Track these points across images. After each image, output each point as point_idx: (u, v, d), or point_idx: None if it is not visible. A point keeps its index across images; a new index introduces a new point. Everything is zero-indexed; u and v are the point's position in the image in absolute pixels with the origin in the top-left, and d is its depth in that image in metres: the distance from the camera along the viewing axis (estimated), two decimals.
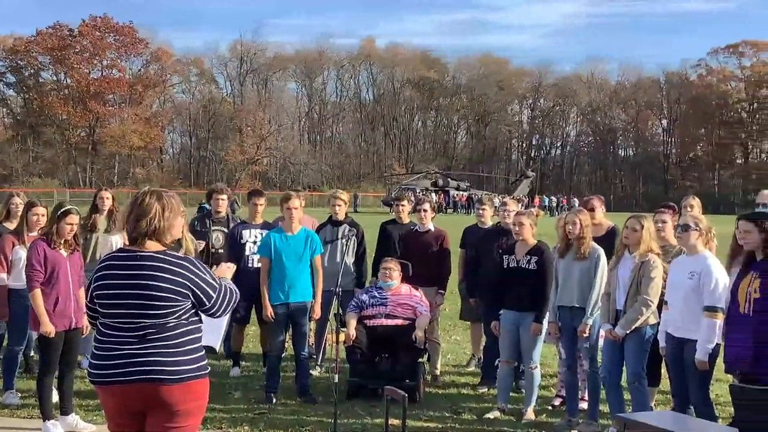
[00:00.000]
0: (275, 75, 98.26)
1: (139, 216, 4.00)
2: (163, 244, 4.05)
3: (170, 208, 4.07)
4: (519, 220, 7.54)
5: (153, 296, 3.91)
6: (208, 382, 4.09)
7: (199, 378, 4.00)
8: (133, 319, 3.93)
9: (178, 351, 3.94)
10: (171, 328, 3.95)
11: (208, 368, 4.10)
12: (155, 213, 4.01)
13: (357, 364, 8.05)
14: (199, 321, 4.09)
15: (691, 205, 8.03)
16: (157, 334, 3.93)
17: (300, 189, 25.41)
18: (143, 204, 4.02)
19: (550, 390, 8.35)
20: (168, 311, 3.93)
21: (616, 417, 5.90)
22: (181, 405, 3.93)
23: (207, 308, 4.06)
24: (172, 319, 3.95)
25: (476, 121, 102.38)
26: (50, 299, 6.66)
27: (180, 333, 3.97)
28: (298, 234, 7.92)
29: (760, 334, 5.39)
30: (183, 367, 3.94)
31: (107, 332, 4.00)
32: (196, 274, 4.00)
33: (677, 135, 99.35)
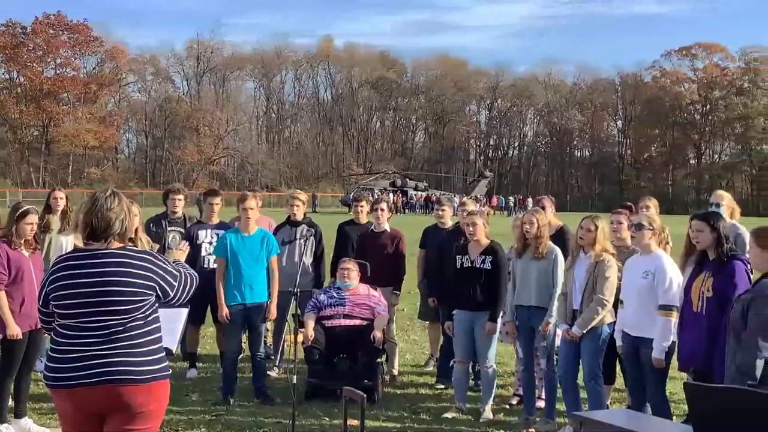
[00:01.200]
0: (232, 74, 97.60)
1: (109, 217, 3.95)
2: (123, 243, 4.02)
3: (128, 207, 4.07)
4: (472, 221, 7.57)
5: (119, 292, 3.86)
6: (169, 383, 4.04)
7: (163, 379, 3.96)
8: (97, 318, 3.86)
9: (142, 351, 3.90)
10: (135, 327, 3.90)
11: (170, 369, 4.05)
12: (123, 213, 4.00)
13: (315, 365, 8.02)
14: (158, 320, 4.05)
15: (647, 206, 8.12)
16: (123, 333, 3.88)
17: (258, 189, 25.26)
18: (111, 205, 3.98)
19: (507, 389, 8.40)
20: (134, 307, 3.89)
21: (573, 415, 5.95)
22: (143, 407, 3.88)
23: (170, 298, 4.04)
24: (139, 315, 3.90)
25: (434, 121, 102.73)
26: (16, 300, 6.57)
27: (144, 333, 3.93)
28: (255, 234, 7.88)
29: (713, 332, 5.48)
30: (148, 368, 3.89)
31: (68, 333, 3.91)
32: (159, 266, 3.98)
33: (632, 136, 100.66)
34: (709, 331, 5.53)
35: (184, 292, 4.12)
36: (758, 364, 4.63)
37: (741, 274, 5.56)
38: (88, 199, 4.06)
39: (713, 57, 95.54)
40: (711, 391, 4.15)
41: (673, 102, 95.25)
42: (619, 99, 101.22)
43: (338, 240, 9.24)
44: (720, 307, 5.45)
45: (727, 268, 5.59)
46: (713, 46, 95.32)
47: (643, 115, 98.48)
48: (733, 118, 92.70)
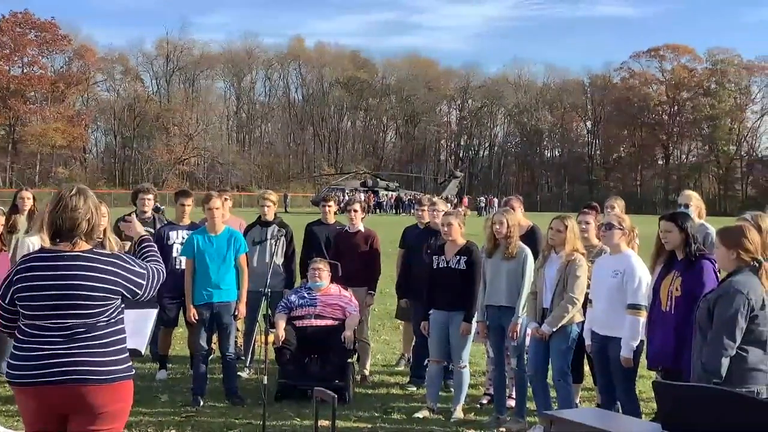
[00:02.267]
0: (202, 74, 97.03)
1: (75, 216, 3.90)
2: (91, 243, 3.97)
3: (96, 206, 4.00)
4: (447, 221, 7.58)
5: (84, 296, 3.82)
6: (132, 384, 4.01)
7: (126, 379, 3.93)
8: (61, 319, 3.83)
9: (105, 351, 3.87)
10: (100, 327, 3.87)
11: (134, 369, 4.02)
12: (90, 212, 3.93)
13: (286, 366, 8.00)
14: (123, 321, 4.01)
15: (612, 206, 8.20)
16: (86, 333, 3.84)
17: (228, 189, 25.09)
18: (76, 204, 3.92)
19: (478, 389, 8.43)
20: (98, 311, 3.85)
21: (543, 414, 5.98)
22: (106, 407, 3.85)
23: (138, 297, 4.02)
24: (103, 317, 3.87)
25: (405, 121, 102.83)
26: None
27: (108, 333, 3.90)
28: (221, 234, 7.85)
29: (681, 331, 5.54)
30: (110, 368, 3.86)
31: (32, 332, 3.87)
32: (127, 269, 3.93)
33: (601, 136, 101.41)
34: (678, 330, 5.59)
35: (153, 288, 4.09)
36: (724, 363, 4.69)
37: (709, 274, 5.62)
38: (53, 198, 3.99)
39: (681, 58, 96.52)
40: (679, 390, 4.19)
41: (642, 103, 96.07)
42: (589, 100, 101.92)
43: (306, 240, 9.24)
44: (688, 306, 5.50)
45: (695, 268, 5.66)
46: (681, 48, 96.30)
47: (612, 115, 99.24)
48: (701, 119, 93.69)
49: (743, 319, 4.70)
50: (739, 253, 4.87)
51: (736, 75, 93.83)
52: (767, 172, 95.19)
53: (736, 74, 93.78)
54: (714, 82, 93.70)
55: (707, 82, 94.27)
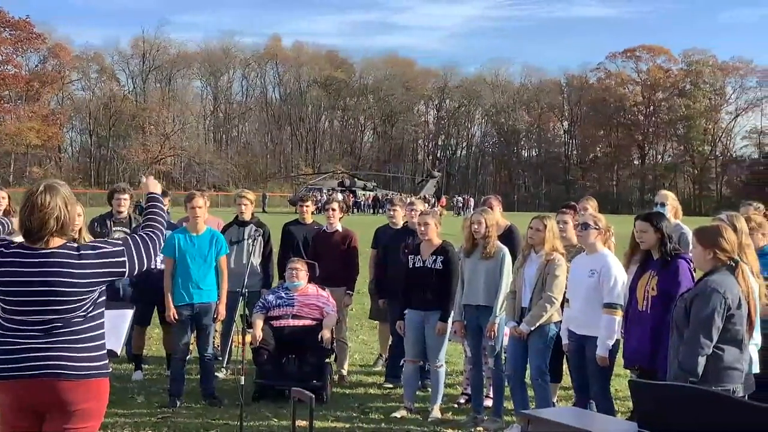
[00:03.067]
0: (179, 73, 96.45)
1: (42, 216, 3.85)
2: (65, 238, 3.92)
3: (66, 201, 3.93)
4: (424, 220, 7.59)
5: (60, 292, 3.79)
6: (108, 382, 3.98)
7: (101, 377, 3.90)
8: (38, 315, 3.80)
9: (82, 347, 3.84)
10: (76, 323, 3.84)
11: (110, 368, 3.99)
12: (58, 208, 3.88)
13: (263, 366, 7.98)
14: (101, 317, 3.98)
15: (585, 207, 8.25)
16: (63, 328, 3.82)
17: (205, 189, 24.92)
18: (43, 202, 3.87)
19: (456, 388, 8.44)
20: (76, 305, 3.82)
21: (520, 413, 6.00)
22: (81, 404, 3.82)
23: (129, 272, 3.96)
24: (80, 312, 3.84)
25: (383, 121, 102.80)
26: None
27: (85, 328, 3.87)
28: (203, 234, 7.82)
29: (657, 330, 5.58)
30: (85, 364, 3.83)
31: (9, 326, 3.84)
32: (102, 255, 3.87)
33: (578, 136, 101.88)
34: (654, 330, 5.63)
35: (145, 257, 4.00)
36: (700, 361, 4.72)
37: (685, 273, 5.67)
38: (22, 198, 3.95)
39: (656, 59, 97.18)
40: (655, 389, 4.22)
41: (618, 103, 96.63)
42: (565, 100, 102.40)
43: (284, 240, 9.23)
44: (664, 305, 5.54)
45: (671, 267, 5.70)
46: (656, 49, 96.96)
47: (588, 116, 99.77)
48: (676, 120, 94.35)
49: (720, 319, 4.73)
50: (715, 252, 4.92)
51: (711, 76, 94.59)
52: (741, 172, 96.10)
53: (711, 75, 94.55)
54: (689, 82, 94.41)
55: (682, 83, 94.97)
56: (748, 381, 4.90)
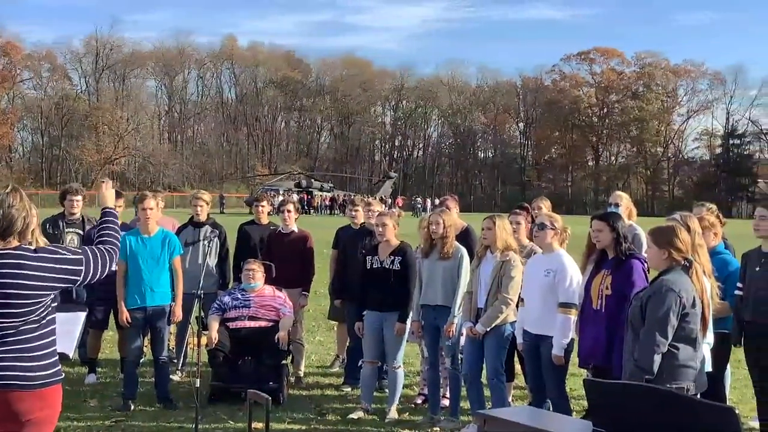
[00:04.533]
0: (133, 72, 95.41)
1: (11, 214, 3.79)
2: (23, 242, 3.85)
3: (30, 205, 3.90)
4: (382, 221, 7.59)
5: (13, 295, 3.70)
6: (61, 388, 3.91)
7: (55, 384, 3.83)
8: None
9: (34, 356, 3.76)
10: (28, 330, 3.76)
11: (62, 374, 3.92)
12: (25, 210, 3.83)
13: (219, 368, 7.91)
14: (53, 322, 3.90)
15: (539, 207, 8.31)
16: (14, 336, 3.73)
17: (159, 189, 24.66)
18: (12, 201, 3.81)
19: (413, 389, 8.45)
20: (28, 310, 3.74)
21: (477, 413, 6.03)
22: (33, 413, 3.74)
23: (81, 282, 3.90)
24: (33, 317, 3.76)
25: (339, 122, 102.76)
26: None
27: (37, 336, 3.79)
28: (155, 235, 7.73)
29: (611, 329, 5.63)
30: (38, 373, 3.75)
31: None
32: (58, 260, 3.80)
33: (533, 138, 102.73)
34: (608, 328, 5.68)
35: (99, 270, 3.96)
36: (656, 359, 4.78)
37: (638, 273, 5.73)
38: None
39: (610, 62, 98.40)
40: (609, 387, 4.26)
41: (572, 105, 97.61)
42: (521, 101, 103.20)
43: (239, 241, 9.17)
44: (618, 304, 5.61)
45: (625, 267, 5.76)
46: (610, 51, 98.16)
47: (543, 117, 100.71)
48: (629, 121, 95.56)
49: (675, 317, 4.80)
50: (670, 252, 4.99)
51: (663, 78, 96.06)
52: (693, 173, 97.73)
53: (663, 78, 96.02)
54: (642, 85, 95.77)
55: (635, 85, 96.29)
56: (700, 379, 4.97)
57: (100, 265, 3.99)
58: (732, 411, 3.67)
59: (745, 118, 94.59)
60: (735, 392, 8.11)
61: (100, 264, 3.99)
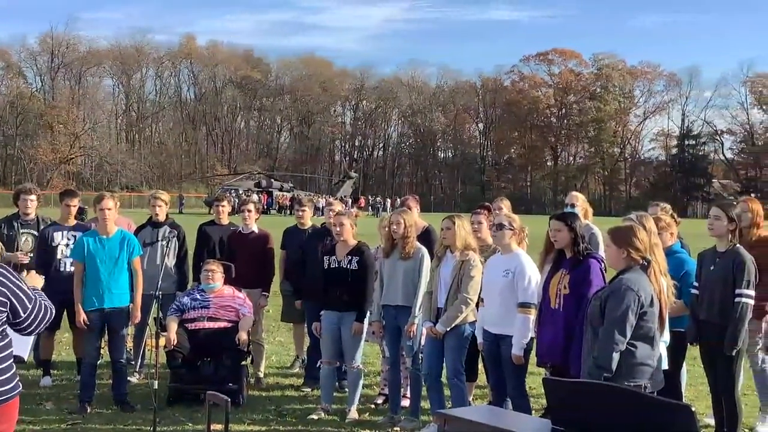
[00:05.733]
0: (89, 70, 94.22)
1: None
2: None
3: None
4: (339, 221, 7.57)
5: None
6: (18, 400, 3.82)
7: (12, 399, 3.74)
8: None
9: None
10: None
11: (20, 386, 3.83)
12: None
13: (178, 369, 7.84)
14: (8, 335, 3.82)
15: (500, 207, 8.36)
16: None
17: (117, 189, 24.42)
18: None
19: (373, 389, 8.45)
20: None
21: (437, 413, 6.04)
22: None
23: (20, 321, 3.80)
24: None
25: (300, 121, 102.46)
26: None
27: None
28: (114, 236, 7.63)
29: (570, 328, 5.68)
30: None
31: None
32: (13, 282, 3.74)
33: (493, 138, 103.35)
34: (566, 327, 5.73)
35: (38, 319, 3.88)
36: (614, 357, 4.83)
37: (596, 272, 5.79)
38: None
39: (568, 63, 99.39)
40: (568, 386, 4.30)
41: (531, 106, 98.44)
42: (480, 102, 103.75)
43: (199, 241, 9.11)
44: (576, 303, 5.66)
45: (582, 266, 5.81)
46: (568, 53, 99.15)
47: (503, 118, 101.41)
48: (587, 122, 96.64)
49: (633, 316, 4.85)
50: (629, 252, 5.04)
51: (620, 80, 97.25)
52: (649, 173, 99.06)
53: (620, 79, 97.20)
54: (599, 86, 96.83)
55: (593, 86, 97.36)
56: (657, 377, 5.03)
57: (40, 319, 3.92)
58: (688, 408, 3.72)
59: (700, 119, 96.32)
60: (690, 389, 8.23)
61: (40, 318, 3.92)
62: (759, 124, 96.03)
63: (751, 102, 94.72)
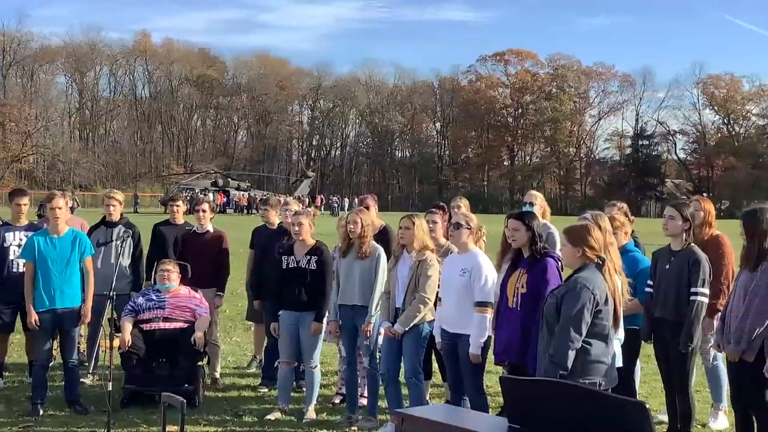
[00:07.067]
0: (42, 68, 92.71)
1: None
2: None
3: None
4: (298, 221, 7.54)
5: None
6: None
7: None
8: None
9: None
10: None
11: None
12: None
13: (132, 370, 7.75)
14: None
15: (458, 206, 8.39)
16: None
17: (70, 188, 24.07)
18: None
19: (330, 388, 8.43)
20: None
21: (394, 412, 6.03)
22: None
23: None
24: None
25: (256, 120, 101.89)
26: None
27: None
28: (65, 236, 7.52)
29: (527, 326, 5.71)
30: None
31: None
32: None
33: (450, 137, 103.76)
34: (524, 326, 5.76)
35: None
36: (570, 355, 4.87)
37: (553, 271, 5.83)
38: None
39: (524, 63, 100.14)
40: (525, 384, 4.32)
41: (488, 105, 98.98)
42: (438, 102, 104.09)
43: (154, 241, 9.02)
44: (533, 302, 5.69)
45: (540, 265, 5.85)
46: (524, 53, 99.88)
47: (460, 117, 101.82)
48: (543, 122, 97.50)
49: (589, 314, 4.90)
50: (584, 250, 5.09)
51: (576, 80, 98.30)
52: (604, 173, 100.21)
53: (576, 79, 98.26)
54: (555, 86, 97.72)
55: (549, 87, 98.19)
56: (612, 374, 5.08)
57: None
58: (643, 405, 3.76)
59: (654, 119, 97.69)
60: (644, 386, 8.33)
61: None
62: (711, 125, 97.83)
63: (703, 103, 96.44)
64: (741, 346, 5.79)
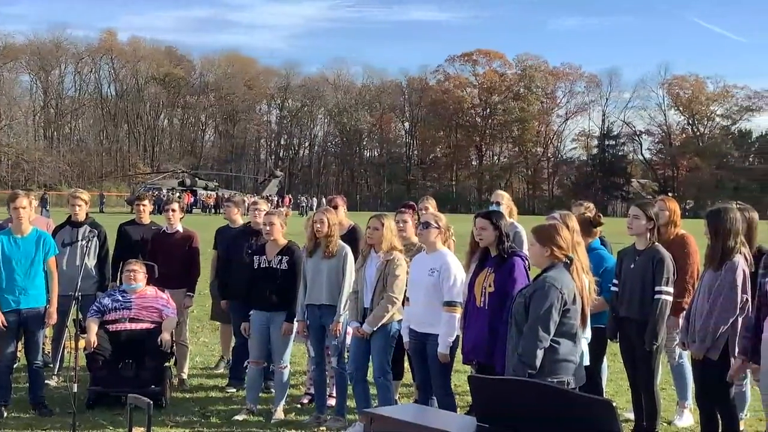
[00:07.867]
0: (5, 66, 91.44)
1: None
2: None
3: None
4: (270, 220, 7.51)
5: None
6: None
7: None
8: None
9: None
10: None
11: None
12: None
13: (98, 372, 7.67)
14: None
15: (426, 207, 8.40)
16: None
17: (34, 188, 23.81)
18: None
19: (299, 388, 8.40)
20: None
21: (363, 412, 6.03)
22: None
23: None
24: None
25: (224, 120, 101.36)
26: None
27: None
28: (29, 235, 7.44)
29: (494, 326, 5.74)
30: None
31: None
32: None
33: (418, 137, 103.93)
34: (492, 325, 5.78)
35: None
36: (538, 354, 4.90)
37: (520, 270, 5.86)
38: None
39: (492, 63, 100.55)
40: (493, 383, 4.34)
41: (456, 105, 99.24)
42: (406, 101, 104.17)
43: (119, 241, 8.94)
44: (501, 301, 5.72)
45: (507, 265, 5.87)
46: (492, 53, 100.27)
47: (428, 117, 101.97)
48: (511, 122, 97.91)
49: (557, 313, 4.93)
50: (552, 250, 5.12)
51: (543, 80, 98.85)
52: (571, 173, 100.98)
53: (543, 80, 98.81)
54: (523, 86, 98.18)
55: (516, 87, 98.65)
56: (579, 373, 5.12)
57: None
58: (609, 404, 3.79)
59: (620, 120, 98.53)
60: (611, 385, 8.40)
61: None
62: (676, 125, 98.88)
63: (669, 103, 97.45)
64: (705, 344, 5.86)
